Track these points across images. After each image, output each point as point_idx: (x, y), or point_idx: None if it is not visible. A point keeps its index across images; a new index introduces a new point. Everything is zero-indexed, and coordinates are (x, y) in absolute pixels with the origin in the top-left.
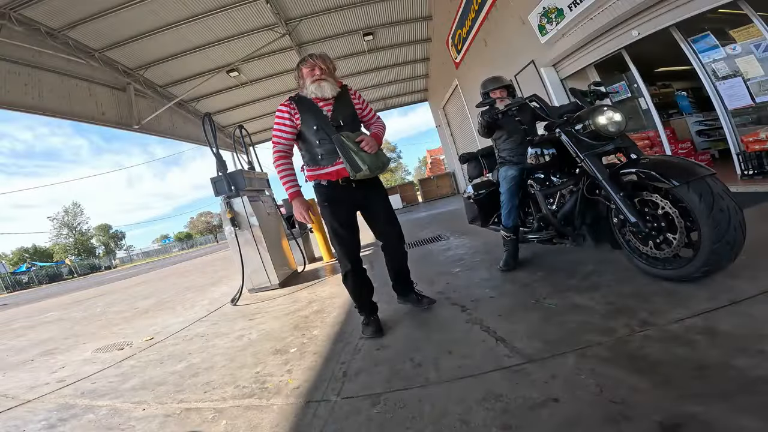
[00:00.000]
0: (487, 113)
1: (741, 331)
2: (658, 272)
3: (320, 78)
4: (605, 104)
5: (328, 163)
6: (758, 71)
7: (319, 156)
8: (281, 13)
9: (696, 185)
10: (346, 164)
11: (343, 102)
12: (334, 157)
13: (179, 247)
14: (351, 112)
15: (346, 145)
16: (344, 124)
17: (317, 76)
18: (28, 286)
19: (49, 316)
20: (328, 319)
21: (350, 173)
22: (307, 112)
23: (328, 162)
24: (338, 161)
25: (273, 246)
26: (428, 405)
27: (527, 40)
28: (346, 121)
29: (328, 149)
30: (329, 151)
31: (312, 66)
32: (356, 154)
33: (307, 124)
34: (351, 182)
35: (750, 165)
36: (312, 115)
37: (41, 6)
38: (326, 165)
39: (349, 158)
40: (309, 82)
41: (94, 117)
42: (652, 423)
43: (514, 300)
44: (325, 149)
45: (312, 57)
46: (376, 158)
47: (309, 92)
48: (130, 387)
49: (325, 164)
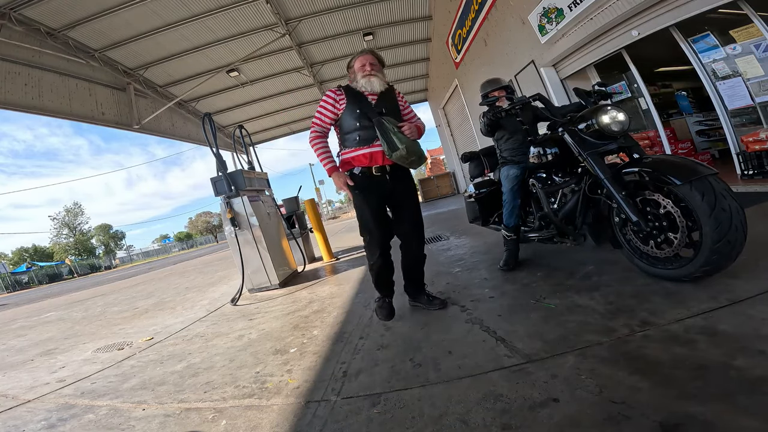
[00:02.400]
0: (490, 111)
1: (741, 331)
2: (658, 272)
3: (371, 73)
4: (608, 104)
5: (365, 145)
6: (758, 71)
7: (356, 138)
8: (281, 13)
9: (698, 184)
10: (384, 144)
11: (388, 98)
12: (371, 140)
13: (179, 247)
14: (394, 106)
15: (386, 126)
16: (386, 113)
17: (368, 72)
18: (28, 286)
19: (49, 316)
20: (328, 319)
21: (386, 152)
22: (353, 98)
23: (365, 144)
24: (375, 144)
25: (273, 246)
26: (428, 405)
27: (527, 40)
28: (388, 110)
29: (368, 133)
30: (368, 134)
31: (363, 62)
32: (395, 134)
33: (351, 109)
34: (385, 173)
35: (750, 165)
36: (357, 102)
37: (41, 6)
38: (363, 146)
39: (388, 138)
40: (360, 76)
41: (94, 117)
42: (652, 423)
43: (514, 300)
44: (364, 133)
45: (363, 53)
46: (414, 144)
47: (359, 86)
48: (130, 387)
49: (362, 146)
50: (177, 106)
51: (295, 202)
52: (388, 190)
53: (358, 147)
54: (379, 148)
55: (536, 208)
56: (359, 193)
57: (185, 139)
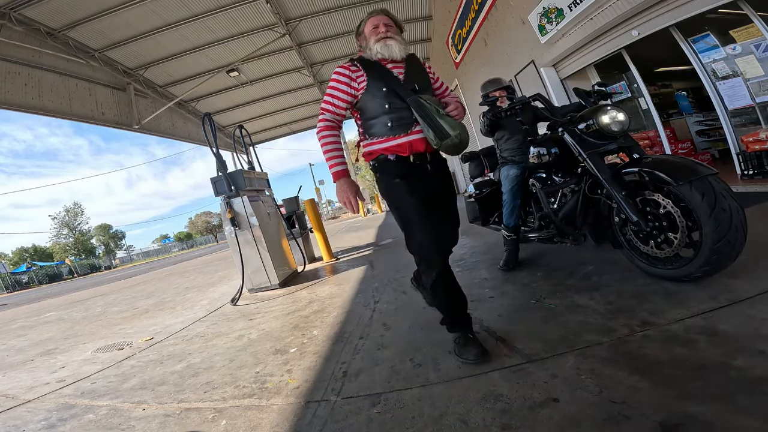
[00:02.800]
0: (490, 111)
1: (741, 331)
2: (658, 272)
3: (386, 36)
4: (608, 104)
5: (402, 132)
6: (758, 71)
7: (388, 124)
8: (281, 13)
9: (698, 184)
10: (428, 131)
11: (415, 66)
12: (409, 126)
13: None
14: (426, 78)
15: (428, 107)
16: (420, 90)
17: (383, 34)
18: (28, 286)
19: (49, 316)
20: (328, 319)
21: (433, 142)
22: (375, 73)
23: (401, 131)
24: (415, 130)
25: (273, 246)
26: (428, 405)
27: (527, 40)
28: (422, 86)
29: (402, 116)
30: (403, 117)
31: (376, 23)
32: (441, 117)
33: (375, 87)
34: (425, 161)
35: (750, 165)
36: (381, 77)
37: (41, 6)
38: (398, 134)
39: (433, 123)
40: (373, 41)
41: (94, 117)
42: (652, 423)
43: (514, 300)
44: (397, 116)
45: (375, 14)
46: (464, 129)
47: (373, 53)
48: (130, 387)
49: (397, 134)
50: (177, 106)
51: (295, 202)
52: (430, 184)
53: (391, 136)
54: (420, 136)
55: (536, 208)
56: (400, 181)
57: (185, 139)
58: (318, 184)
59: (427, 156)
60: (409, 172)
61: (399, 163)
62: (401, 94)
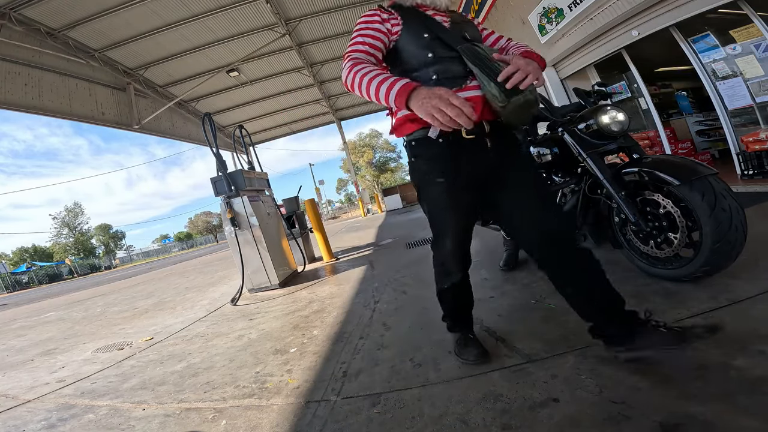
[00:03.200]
0: None
1: (741, 331)
2: (658, 272)
3: None
4: (608, 104)
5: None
6: (758, 71)
7: (433, 77)
8: (281, 13)
9: (698, 184)
10: (489, 85)
11: (461, 17)
12: (462, 80)
13: (179, 247)
14: (476, 31)
15: (484, 56)
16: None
17: None
18: (28, 286)
19: (49, 316)
20: (328, 319)
21: (498, 98)
22: (413, 17)
23: (451, 85)
24: (470, 85)
25: (273, 246)
26: (428, 405)
27: (527, 40)
28: (473, 37)
29: (451, 68)
30: (452, 70)
31: None
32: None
33: (414, 33)
34: (483, 134)
35: (750, 165)
36: (420, 22)
37: (41, 6)
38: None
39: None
40: None
41: (94, 117)
42: (652, 423)
43: (514, 300)
44: (444, 67)
45: None
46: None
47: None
48: (130, 387)
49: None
50: (177, 106)
51: (295, 202)
52: (487, 166)
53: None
54: (476, 92)
55: None
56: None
57: (185, 139)
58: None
59: (485, 126)
60: (458, 155)
61: (446, 147)
62: (448, 41)
